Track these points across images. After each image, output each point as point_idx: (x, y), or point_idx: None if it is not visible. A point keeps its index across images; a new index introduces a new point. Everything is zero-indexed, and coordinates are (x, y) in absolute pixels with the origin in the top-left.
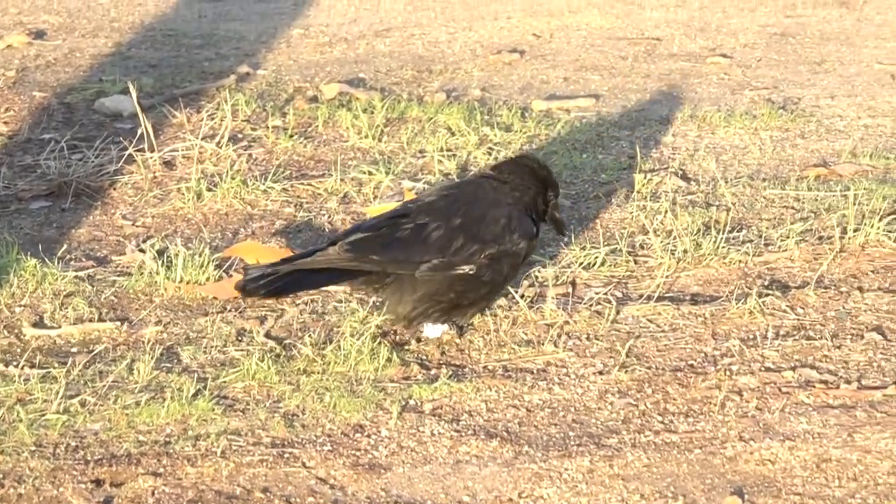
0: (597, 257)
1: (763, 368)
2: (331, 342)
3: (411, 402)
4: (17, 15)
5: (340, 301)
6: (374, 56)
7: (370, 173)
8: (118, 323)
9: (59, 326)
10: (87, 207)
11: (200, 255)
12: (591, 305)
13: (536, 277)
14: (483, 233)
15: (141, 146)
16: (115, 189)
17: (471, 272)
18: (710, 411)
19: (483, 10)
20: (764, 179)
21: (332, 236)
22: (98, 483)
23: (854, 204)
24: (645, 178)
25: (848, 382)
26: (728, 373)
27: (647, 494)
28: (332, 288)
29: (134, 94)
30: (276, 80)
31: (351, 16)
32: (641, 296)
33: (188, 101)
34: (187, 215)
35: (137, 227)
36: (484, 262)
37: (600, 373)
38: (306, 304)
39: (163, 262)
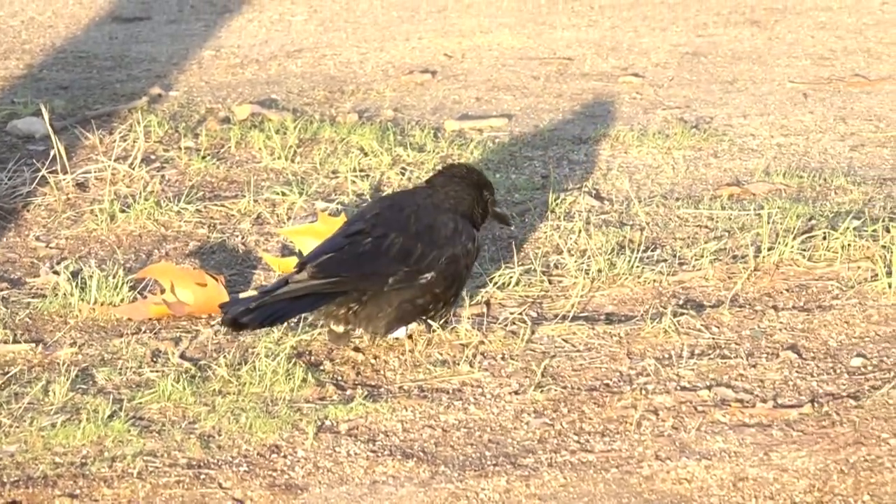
0: (511, 277)
1: (679, 387)
2: (246, 363)
3: (327, 422)
4: None
5: None
6: (285, 77)
7: (283, 194)
8: (33, 344)
9: None
10: (1, 229)
11: (114, 277)
12: (505, 325)
13: None
14: (438, 238)
15: (54, 168)
16: (28, 211)
17: (433, 279)
18: (626, 430)
19: (394, 31)
20: (677, 199)
21: (298, 262)
22: None
23: (768, 223)
24: (558, 197)
25: (764, 401)
26: (644, 392)
27: None
28: (312, 314)
29: (46, 116)
30: (188, 102)
31: (262, 37)
32: (556, 315)
33: (100, 122)
34: (101, 237)
35: (51, 248)
36: (442, 267)
37: (516, 392)
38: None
39: (77, 283)
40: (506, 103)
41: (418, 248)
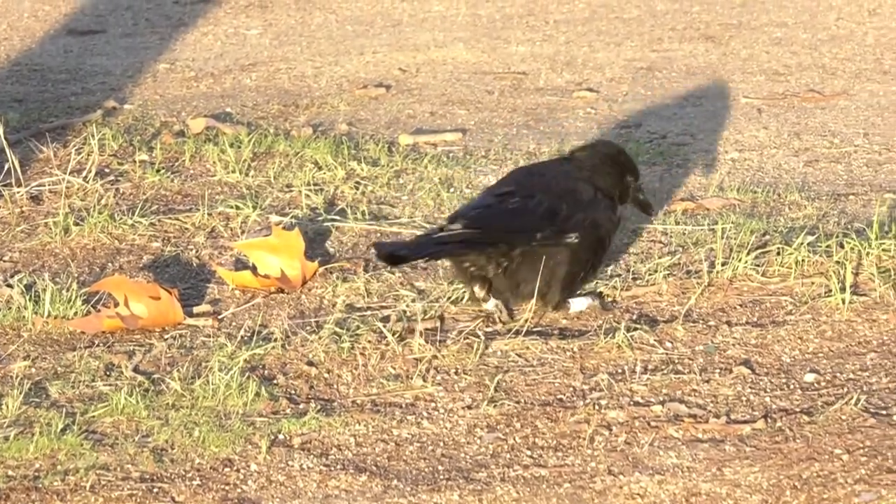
0: (465, 292)
1: (632, 402)
2: (199, 377)
3: (280, 436)
4: None
5: (209, 336)
6: (240, 90)
7: (237, 208)
8: None
9: None
10: None
11: (68, 290)
12: (459, 340)
13: (404, 312)
14: (580, 201)
15: (8, 181)
16: None
17: (576, 240)
18: (579, 445)
19: (349, 45)
20: (631, 213)
21: (450, 216)
22: None
23: (722, 238)
24: None
25: (717, 416)
26: (597, 407)
27: None
28: (460, 258)
29: (0, 128)
30: (142, 115)
31: (217, 50)
32: (510, 330)
33: (55, 135)
34: (55, 250)
35: (5, 262)
36: (586, 229)
37: (469, 407)
38: (174, 338)
39: (30, 296)
40: (460, 118)
41: (563, 209)
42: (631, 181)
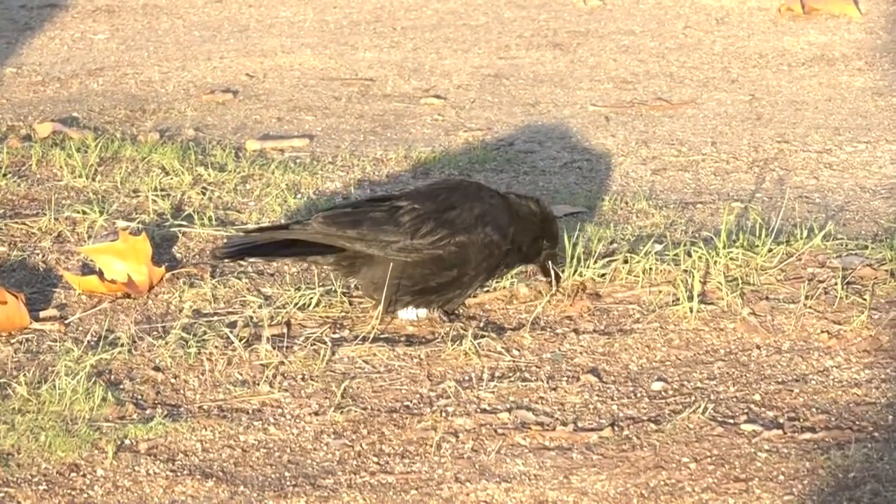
0: (312, 298)
1: (479, 410)
2: (46, 381)
3: (126, 441)
4: None
5: (55, 340)
6: (87, 95)
7: (84, 212)
8: None
9: None
10: None
11: None
12: (306, 346)
13: (251, 318)
14: (454, 220)
15: None
16: None
17: (438, 256)
18: (426, 452)
19: (196, 50)
20: None
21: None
22: None
23: (569, 246)
24: None
25: (564, 424)
26: (444, 414)
27: None
28: (307, 259)
29: None
30: None
31: (64, 55)
32: (357, 336)
33: None
34: None
35: None
36: (452, 250)
37: (316, 413)
38: (21, 343)
39: None
40: (307, 124)
41: (429, 224)
42: (546, 246)
